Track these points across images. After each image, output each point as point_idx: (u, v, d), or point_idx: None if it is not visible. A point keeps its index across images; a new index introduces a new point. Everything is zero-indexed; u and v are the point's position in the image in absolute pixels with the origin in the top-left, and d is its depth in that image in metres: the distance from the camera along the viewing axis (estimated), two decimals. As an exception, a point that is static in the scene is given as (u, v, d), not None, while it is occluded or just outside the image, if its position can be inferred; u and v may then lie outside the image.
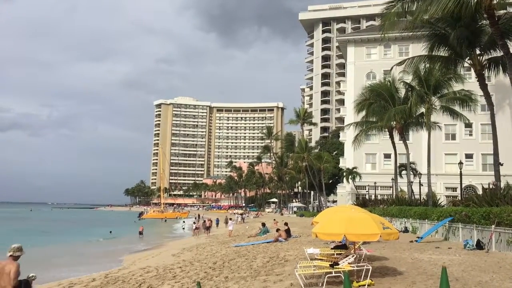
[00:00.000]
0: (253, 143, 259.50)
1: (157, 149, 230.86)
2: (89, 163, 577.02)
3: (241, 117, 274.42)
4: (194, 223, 44.08)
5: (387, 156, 57.65)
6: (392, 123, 39.64)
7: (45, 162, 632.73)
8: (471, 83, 39.68)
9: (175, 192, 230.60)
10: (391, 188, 49.72)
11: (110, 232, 51.45)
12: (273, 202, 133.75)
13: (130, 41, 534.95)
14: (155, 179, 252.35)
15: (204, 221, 44.18)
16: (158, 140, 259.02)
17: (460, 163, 40.68)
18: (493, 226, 18.03)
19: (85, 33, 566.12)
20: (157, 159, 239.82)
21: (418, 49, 31.79)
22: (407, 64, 31.32)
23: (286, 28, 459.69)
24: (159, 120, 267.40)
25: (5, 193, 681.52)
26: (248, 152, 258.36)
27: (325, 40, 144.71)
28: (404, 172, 48.16)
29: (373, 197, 53.79)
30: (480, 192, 33.70)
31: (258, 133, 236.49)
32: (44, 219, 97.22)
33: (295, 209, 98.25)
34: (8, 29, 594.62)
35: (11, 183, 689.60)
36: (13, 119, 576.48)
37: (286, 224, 31.35)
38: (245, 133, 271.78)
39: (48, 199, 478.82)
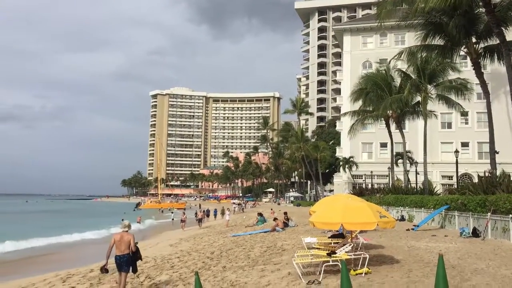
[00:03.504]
0: (250, 133, 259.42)
1: (154, 140, 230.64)
2: (84, 154, 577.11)
3: (238, 107, 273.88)
4: (184, 213, 43.50)
5: (383, 145, 57.76)
6: (388, 112, 39.65)
7: (40, 154, 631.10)
8: (467, 72, 39.77)
9: (172, 183, 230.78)
10: (388, 177, 49.87)
11: (122, 220, 51.33)
12: (270, 192, 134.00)
13: (122, 32, 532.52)
14: (152, 169, 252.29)
15: (196, 212, 43.82)
16: (154, 130, 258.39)
17: (456, 151, 40.80)
18: (489, 214, 18.15)
19: (77, 23, 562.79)
20: (153, 150, 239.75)
21: (414, 37, 31.66)
22: (404, 54, 31.26)
23: (279, 18, 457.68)
24: (155, 111, 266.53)
25: (0, 185, 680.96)
26: (245, 142, 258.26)
27: (321, 29, 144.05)
28: (400, 161, 48.29)
29: (369, 186, 53.96)
30: (476, 180, 33.88)
31: (254, 123, 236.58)
32: (44, 211, 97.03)
33: (292, 198, 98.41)
34: (1, 19, 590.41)
35: (6, 175, 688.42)
36: (7, 111, 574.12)
37: (285, 213, 31.45)
38: (241, 123, 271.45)
39: (44, 191, 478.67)
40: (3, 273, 17.17)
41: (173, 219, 53.38)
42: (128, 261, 11.27)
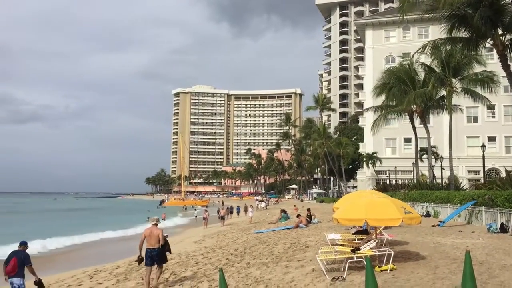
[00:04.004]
0: (272, 130, 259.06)
1: (177, 138, 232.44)
2: (109, 153, 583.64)
3: (259, 104, 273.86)
4: (206, 211, 43.42)
5: (407, 140, 57.09)
6: (412, 106, 39.12)
7: (65, 153, 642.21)
8: (493, 64, 38.84)
9: (195, 180, 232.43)
10: (412, 173, 49.25)
11: (148, 218, 52.02)
12: (293, 189, 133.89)
13: (143, 32, 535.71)
14: (175, 167, 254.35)
15: (218, 210, 43.82)
16: (177, 128, 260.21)
17: (483, 146, 40.06)
18: (517, 209, 17.77)
19: (99, 24, 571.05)
20: (176, 148, 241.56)
21: (438, 30, 31.09)
22: (428, 48, 30.74)
23: (299, 14, 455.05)
24: (178, 109, 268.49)
25: (28, 184, 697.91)
26: (267, 139, 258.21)
27: (343, 24, 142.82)
28: (425, 156, 47.64)
29: (393, 181, 53.39)
30: (503, 175, 33.21)
31: (276, 120, 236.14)
32: (72, 210, 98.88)
33: (315, 195, 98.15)
34: (27, 21, 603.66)
35: (33, 174, 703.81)
36: (33, 111, 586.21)
37: (308, 210, 31.36)
38: (263, 120, 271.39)
39: (71, 189, 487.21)
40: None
41: (196, 216, 53.74)
42: (159, 254, 12.16)
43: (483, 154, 38.91)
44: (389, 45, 63.74)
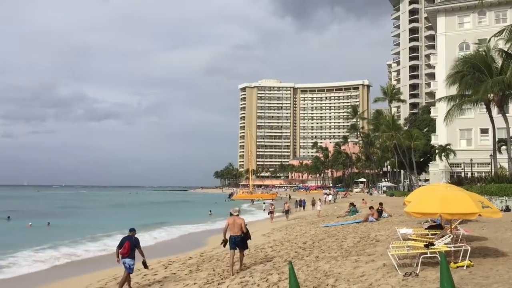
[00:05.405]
0: (339, 122, 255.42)
1: (244, 132, 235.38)
2: (179, 147, 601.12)
3: (326, 97, 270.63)
4: (272, 204, 43.45)
5: (484, 131, 54.34)
6: (489, 95, 37.09)
7: (139, 148, 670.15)
8: None
9: (262, 174, 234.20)
10: (489, 165, 46.80)
11: (210, 212, 53.51)
12: (361, 182, 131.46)
13: (209, 29, 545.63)
14: (242, 161, 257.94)
15: (286, 202, 43.88)
16: (244, 123, 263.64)
17: None
18: None
19: (166, 22, 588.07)
20: (244, 142, 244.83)
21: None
22: (506, 32, 28.96)
23: (363, 4, 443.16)
24: (244, 104, 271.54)
25: (106, 178, 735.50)
26: (334, 132, 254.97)
27: (412, 12, 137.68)
28: (504, 147, 45.05)
29: (469, 174, 51.03)
30: None
31: (343, 113, 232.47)
32: (151, 202, 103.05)
33: (384, 188, 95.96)
34: (102, 22, 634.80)
35: (110, 169, 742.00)
36: (108, 109, 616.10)
37: (380, 204, 30.65)
38: (330, 113, 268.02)
39: (144, 183, 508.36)
40: (110, 259, 18.59)
41: (264, 210, 54.44)
42: (241, 240, 13.52)
43: None
44: (463, 31, 60.76)
